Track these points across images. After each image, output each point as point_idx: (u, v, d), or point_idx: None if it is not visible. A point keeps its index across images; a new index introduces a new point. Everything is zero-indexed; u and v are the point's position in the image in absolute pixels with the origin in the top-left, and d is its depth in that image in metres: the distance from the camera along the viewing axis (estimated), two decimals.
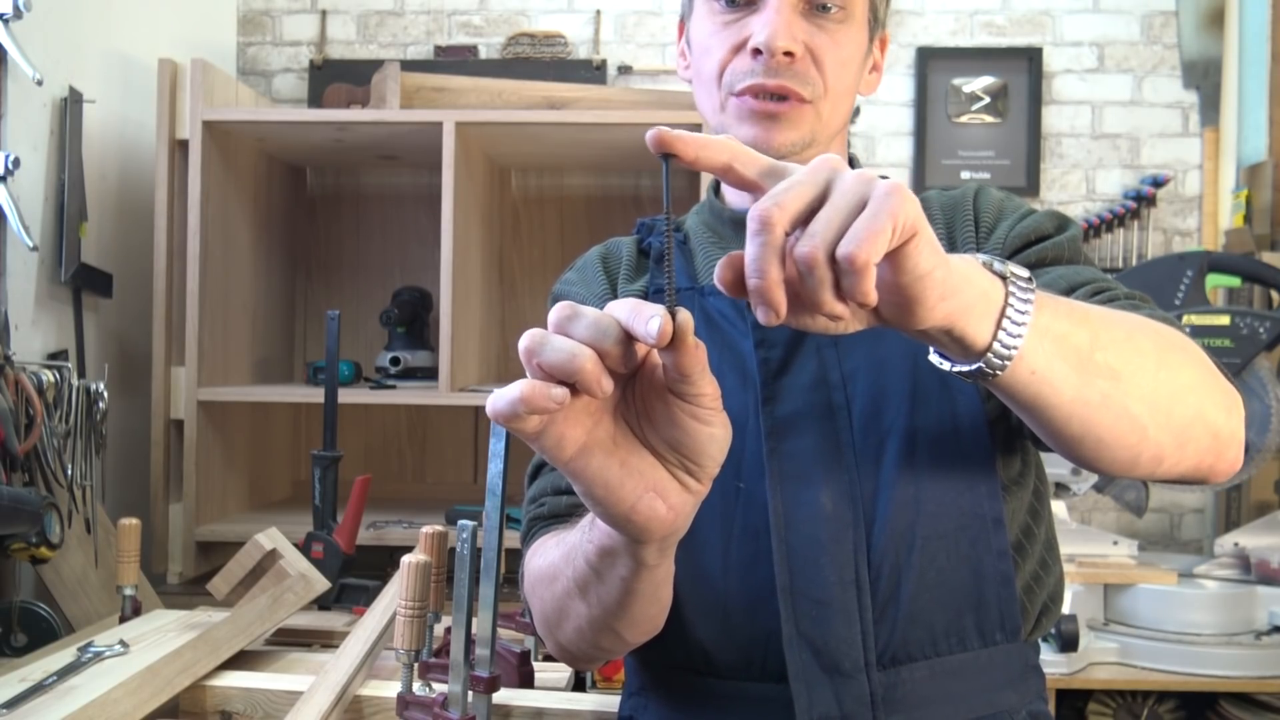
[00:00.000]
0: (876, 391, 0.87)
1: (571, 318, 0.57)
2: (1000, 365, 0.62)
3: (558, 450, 0.59)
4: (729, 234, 0.98)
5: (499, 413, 0.56)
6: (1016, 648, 0.88)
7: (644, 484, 0.61)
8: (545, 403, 0.55)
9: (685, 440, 0.60)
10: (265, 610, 1.34)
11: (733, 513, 0.87)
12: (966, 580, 0.86)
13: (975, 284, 0.60)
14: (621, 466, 0.61)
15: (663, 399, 0.60)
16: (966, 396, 0.86)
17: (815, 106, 0.91)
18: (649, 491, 0.61)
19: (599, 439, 0.60)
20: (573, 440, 0.59)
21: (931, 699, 0.85)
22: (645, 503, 0.61)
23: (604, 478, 0.60)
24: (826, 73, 0.90)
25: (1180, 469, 0.74)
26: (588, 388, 0.56)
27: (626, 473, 0.61)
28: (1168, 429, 0.71)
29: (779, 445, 0.86)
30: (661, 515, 0.62)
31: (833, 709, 0.83)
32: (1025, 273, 0.63)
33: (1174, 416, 0.71)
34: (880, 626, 0.84)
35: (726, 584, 0.87)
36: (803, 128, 0.91)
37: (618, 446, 0.61)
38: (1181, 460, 0.73)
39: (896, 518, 0.85)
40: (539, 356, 0.56)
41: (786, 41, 0.88)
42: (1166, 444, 0.71)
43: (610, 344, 0.56)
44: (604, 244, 1.05)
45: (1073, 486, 1.97)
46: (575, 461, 0.60)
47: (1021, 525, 0.90)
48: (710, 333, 0.92)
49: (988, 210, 0.95)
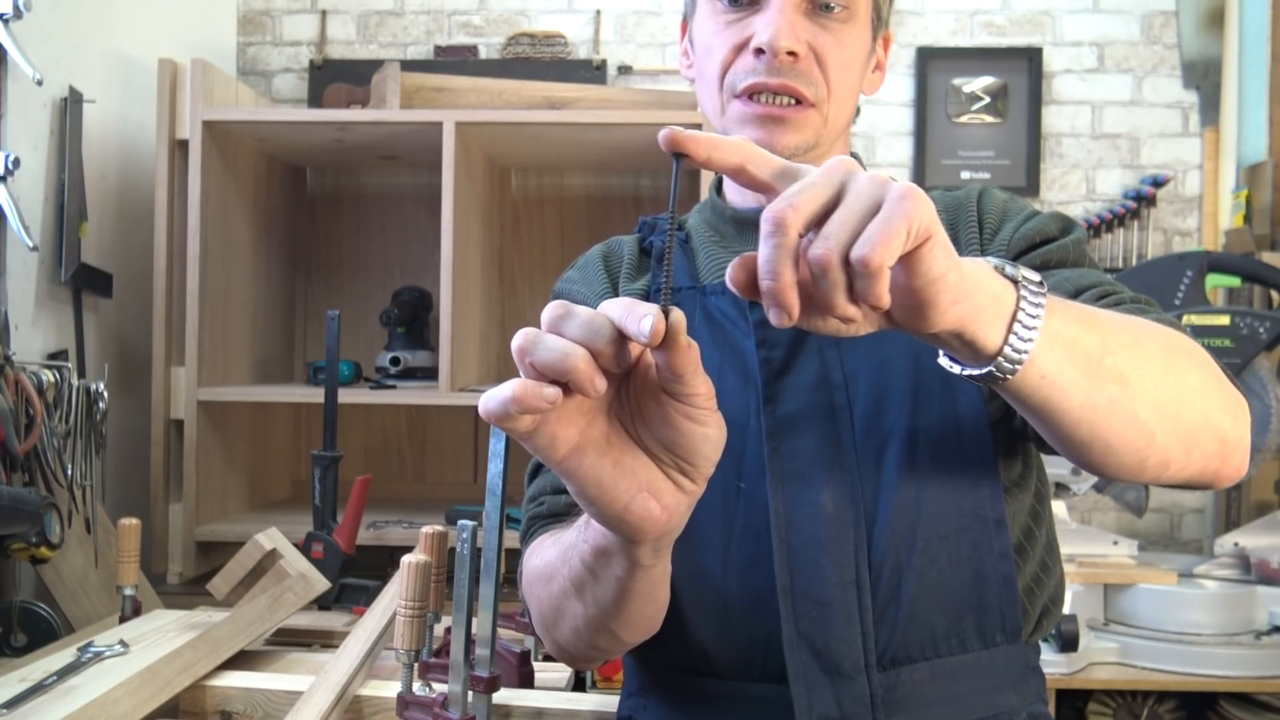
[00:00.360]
0: (878, 392, 0.86)
1: (564, 317, 0.57)
2: (1011, 370, 0.62)
3: (551, 450, 0.59)
4: (731, 233, 0.98)
5: (491, 412, 0.56)
6: (1017, 649, 0.88)
7: (637, 484, 0.61)
8: (537, 402, 0.55)
9: (679, 440, 0.60)
10: (265, 610, 1.34)
11: (733, 512, 0.87)
12: (967, 581, 0.85)
13: (987, 288, 0.60)
14: (615, 466, 0.60)
15: (656, 399, 0.60)
16: (969, 397, 0.86)
17: (819, 109, 0.91)
18: (642, 492, 0.61)
19: (592, 439, 0.60)
20: (566, 440, 0.59)
21: (932, 700, 0.85)
22: (639, 503, 0.61)
23: (597, 477, 0.60)
24: (830, 73, 0.90)
25: (1186, 474, 0.74)
26: (580, 387, 0.55)
27: (620, 473, 0.61)
28: (1175, 434, 0.70)
29: (780, 445, 0.86)
30: (655, 515, 0.62)
31: (832, 710, 0.83)
32: (1037, 277, 0.63)
33: (1181, 421, 0.71)
34: (880, 627, 0.84)
35: (727, 584, 0.86)
36: (807, 131, 0.90)
37: (611, 446, 0.61)
38: (1188, 465, 0.73)
39: (898, 518, 0.84)
40: (531, 356, 0.56)
41: (789, 41, 0.87)
42: (1173, 449, 0.71)
43: (603, 343, 0.56)
44: (605, 242, 1.05)
45: (1073, 487, 1.97)
46: (568, 461, 0.59)
47: (1023, 527, 0.90)
48: (711, 332, 0.91)
49: (992, 211, 0.94)
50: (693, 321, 0.90)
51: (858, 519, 0.84)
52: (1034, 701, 0.90)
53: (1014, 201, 0.96)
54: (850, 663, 0.83)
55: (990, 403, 0.86)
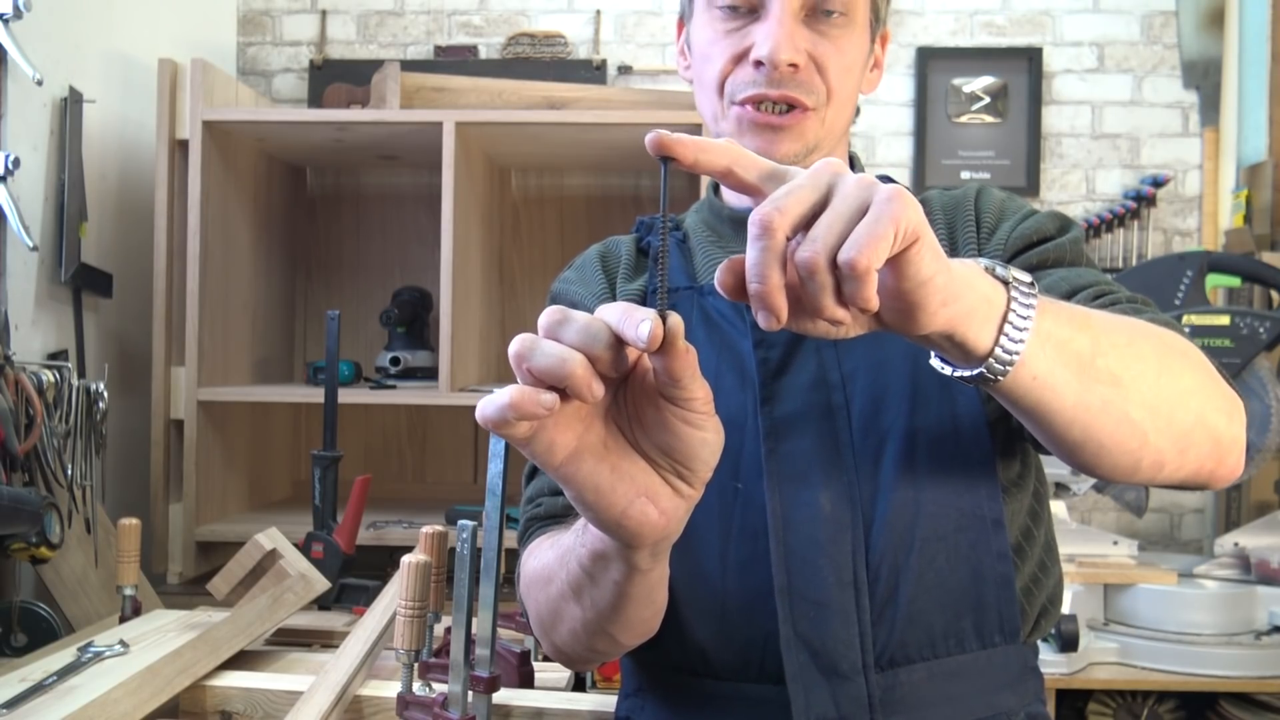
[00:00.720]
0: (876, 392, 0.86)
1: (561, 322, 0.57)
2: (1002, 371, 0.62)
3: (548, 456, 0.59)
4: (728, 233, 0.98)
5: (488, 419, 0.55)
6: (1015, 649, 0.88)
7: (635, 489, 0.61)
8: (535, 409, 0.55)
9: (676, 445, 0.60)
10: (265, 610, 1.34)
11: (731, 513, 0.87)
12: (965, 582, 0.85)
13: (977, 289, 0.60)
14: (612, 471, 0.61)
15: (654, 403, 0.60)
16: (966, 398, 0.86)
17: (819, 113, 0.91)
18: (640, 496, 0.61)
19: (589, 444, 0.60)
20: (563, 445, 0.59)
21: (929, 701, 0.84)
22: (636, 508, 0.61)
23: (594, 483, 0.60)
24: (830, 79, 0.90)
25: (1181, 474, 0.74)
26: (578, 393, 0.55)
27: (617, 477, 0.61)
28: (1168, 434, 0.71)
29: (777, 445, 0.86)
30: (653, 520, 0.62)
31: (830, 710, 0.83)
32: (1027, 278, 0.63)
33: (1175, 422, 0.71)
34: (878, 628, 0.84)
35: (725, 584, 0.86)
36: (806, 137, 0.91)
37: (609, 451, 0.61)
38: (1182, 466, 0.73)
39: (895, 519, 0.84)
40: (529, 362, 0.56)
41: (790, 54, 0.87)
42: (1167, 449, 0.71)
43: (600, 349, 0.56)
44: (603, 242, 1.05)
45: (1072, 487, 1.97)
46: (566, 467, 0.60)
47: (1021, 527, 0.90)
48: (709, 332, 0.92)
49: (989, 211, 0.94)
50: (690, 322, 0.91)
51: (855, 520, 0.84)
52: (1032, 702, 0.90)
53: (1012, 200, 0.96)
54: (848, 664, 0.83)
55: (988, 403, 0.86)
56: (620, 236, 1.05)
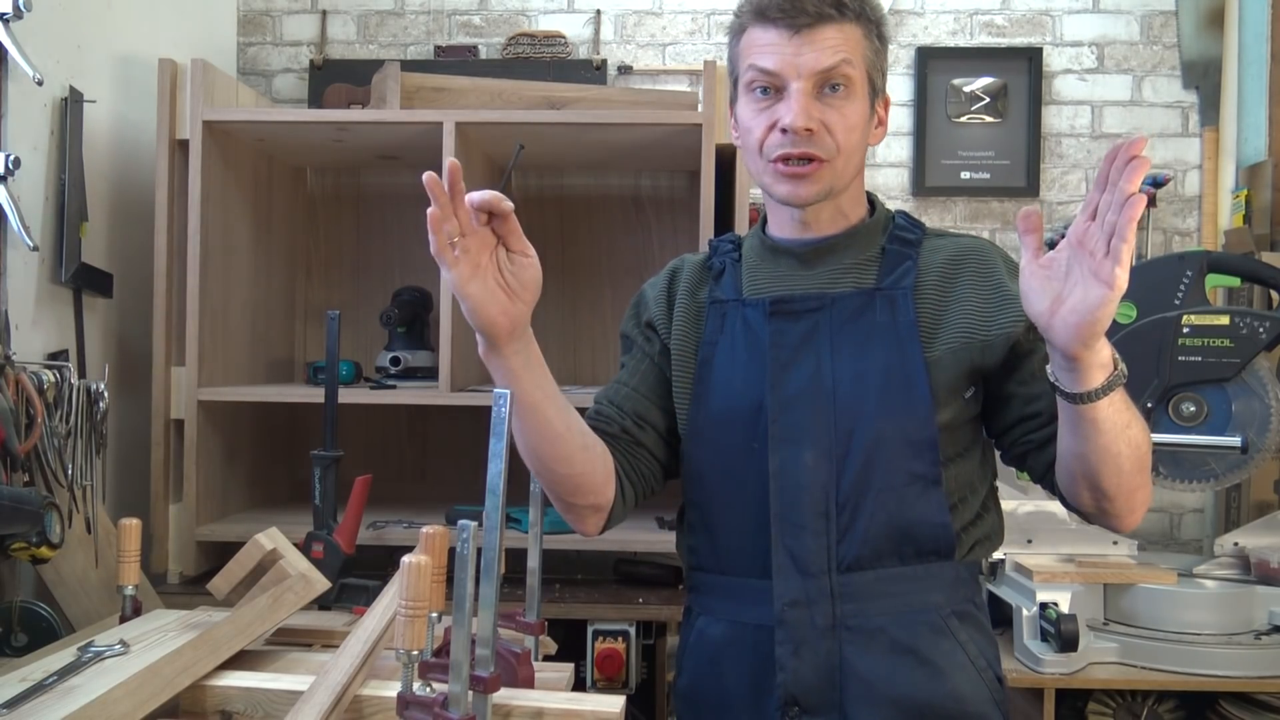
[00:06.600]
0: (856, 390, 1.21)
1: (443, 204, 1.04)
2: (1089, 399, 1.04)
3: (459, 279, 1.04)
4: (769, 258, 1.30)
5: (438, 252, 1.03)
6: (950, 565, 1.23)
7: (496, 303, 1.06)
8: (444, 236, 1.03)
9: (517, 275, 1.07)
10: (265, 610, 1.34)
11: (749, 465, 1.23)
12: (908, 518, 1.21)
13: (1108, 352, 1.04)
14: (487, 291, 1.06)
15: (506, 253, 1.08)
16: (920, 403, 1.20)
17: (831, 164, 1.21)
18: (498, 306, 1.06)
19: (478, 275, 1.05)
20: (465, 275, 1.04)
21: (875, 594, 1.21)
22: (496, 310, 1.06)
23: (480, 297, 1.05)
24: (838, 137, 1.20)
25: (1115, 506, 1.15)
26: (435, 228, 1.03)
27: (488, 295, 1.06)
28: (1133, 480, 1.13)
29: (780, 418, 1.22)
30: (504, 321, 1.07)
31: (801, 596, 1.21)
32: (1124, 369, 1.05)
33: (1136, 475, 1.12)
34: (841, 545, 1.21)
35: (744, 511, 1.24)
36: (822, 182, 1.21)
37: (486, 280, 1.06)
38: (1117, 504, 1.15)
39: (859, 474, 1.20)
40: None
41: (805, 121, 1.18)
42: (1124, 487, 1.13)
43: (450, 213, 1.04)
44: (679, 258, 1.40)
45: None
46: (466, 286, 1.04)
47: (965, 484, 1.25)
48: (745, 334, 1.27)
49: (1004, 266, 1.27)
50: (735, 326, 1.28)
51: (830, 472, 1.21)
52: (962, 603, 1.24)
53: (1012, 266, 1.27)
54: (816, 566, 1.21)
55: (940, 414, 1.20)
56: (692, 255, 1.40)
